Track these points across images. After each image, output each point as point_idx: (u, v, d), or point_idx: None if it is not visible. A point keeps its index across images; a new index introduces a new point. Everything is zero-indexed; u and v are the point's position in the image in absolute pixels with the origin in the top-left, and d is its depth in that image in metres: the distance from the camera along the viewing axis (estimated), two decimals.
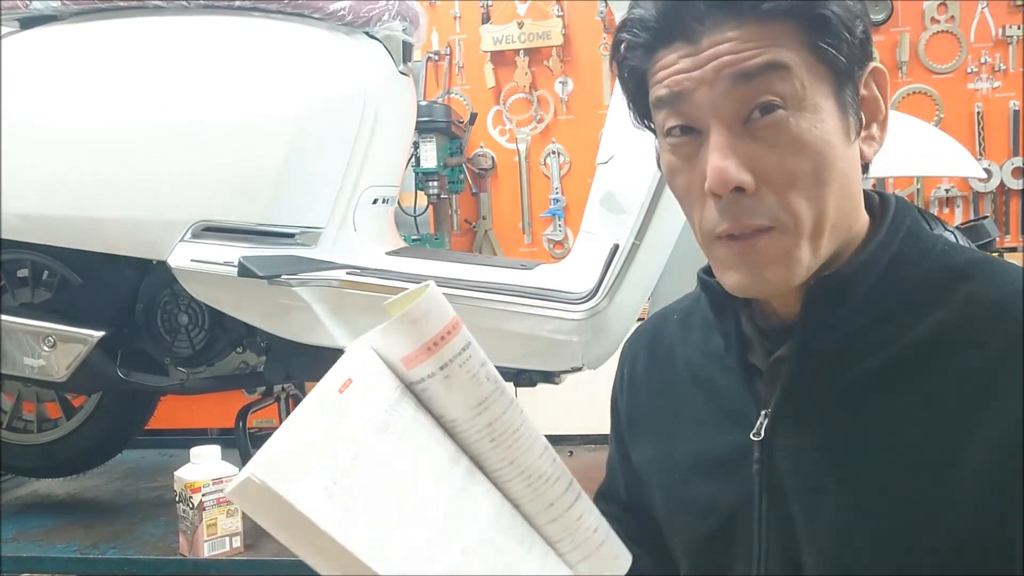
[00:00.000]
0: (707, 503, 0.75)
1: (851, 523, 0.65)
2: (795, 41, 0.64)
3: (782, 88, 0.64)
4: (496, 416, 0.66)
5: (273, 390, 1.88)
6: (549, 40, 3.11)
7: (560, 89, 3.16)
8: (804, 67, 0.64)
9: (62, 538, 1.59)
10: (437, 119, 2.91)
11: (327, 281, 1.55)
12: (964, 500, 0.61)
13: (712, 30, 0.65)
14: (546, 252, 3.19)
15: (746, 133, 0.65)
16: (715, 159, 0.65)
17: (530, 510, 0.69)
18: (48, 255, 1.68)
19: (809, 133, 0.64)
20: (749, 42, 0.64)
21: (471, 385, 0.65)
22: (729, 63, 0.64)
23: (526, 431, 0.68)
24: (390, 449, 0.62)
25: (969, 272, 0.67)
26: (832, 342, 0.69)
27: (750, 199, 0.65)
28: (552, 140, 3.19)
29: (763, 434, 0.71)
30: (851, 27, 0.65)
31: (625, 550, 0.75)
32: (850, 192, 0.69)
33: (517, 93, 3.20)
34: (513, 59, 3.16)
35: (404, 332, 0.65)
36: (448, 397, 0.65)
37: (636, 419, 0.87)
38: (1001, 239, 2.84)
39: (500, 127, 3.22)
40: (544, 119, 3.19)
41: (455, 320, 0.65)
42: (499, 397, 0.66)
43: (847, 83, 0.67)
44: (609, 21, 3.08)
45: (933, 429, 0.63)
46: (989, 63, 2.90)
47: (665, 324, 0.88)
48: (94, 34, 1.58)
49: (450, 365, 0.64)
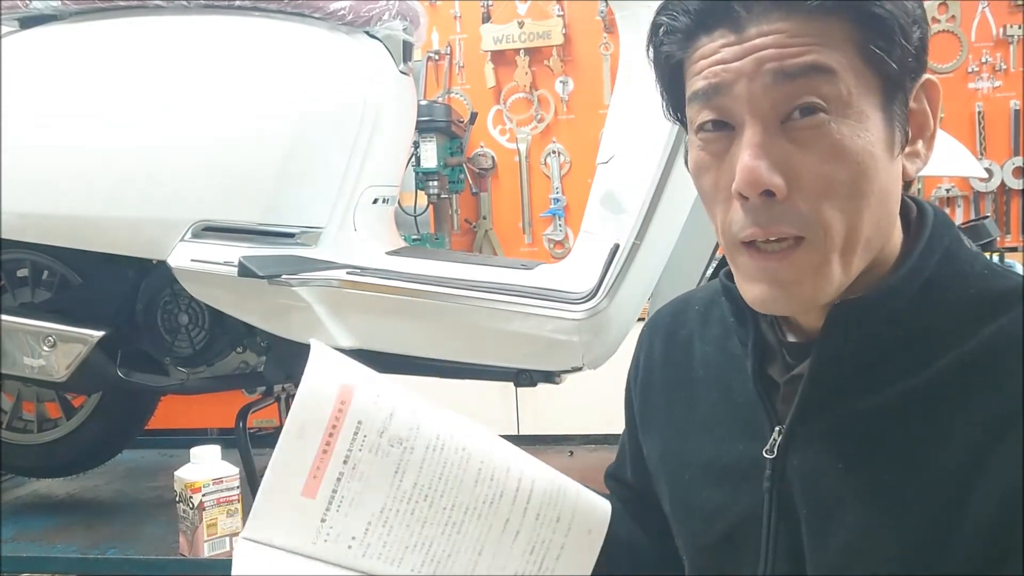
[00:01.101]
0: (715, 509, 0.73)
1: (856, 551, 0.64)
2: (845, 42, 0.60)
3: (827, 90, 0.60)
4: (415, 475, 0.66)
5: (273, 390, 1.87)
6: (549, 40, 3.12)
7: (560, 89, 3.16)
8: (852, 72, 0.60)
9: (62, 538, 1.59)
10: (437, 119, 2.91)
11: (327, 281, 1.55)
12: (968, 543, 0.59)
13: (758, 19, 0.61)
14: (546, 252, 3.19)
15: (782, 133, 0.61)
16: (746, 158, 0.61)
17: (491, 541, 0.69)
18: (48, 255, 1.68)
19: (851, 141, 0.60)
20: (796, 37, 0.60)
21: (380, 464, 0.64)
22: (772, 57, 0.60)
23: (450, 468, 0.67)
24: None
25: (1006, 303, 0.62)
26: (851, 367, 0.65)
27: (780, 205, 0.61)
28: (552, 140, 3.19)
29: (776, 452, 0.69)
30: (907, 32, 0.61)
31: (602, 501, 0.75)
32: (888, 209, 0.64)
33: (517, 93, 3.20)
34: (513, 59, 3.16)
35: (292, 454, 0.63)
36: (363, 492, 0.64)
37: (648, 410, 0.85)
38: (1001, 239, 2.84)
39: (500, 127, 3.22)
40: (544, 119, 3.19)
41: (341, 397, 0.63)
42: (410, 456, 0.66)
43: (897, 93, 0.62)
44: (609, 21, 3.08)
45: (946, 467, 0.60)
46: (990, 63, 2.90)
47: (685, 314, 0.84)
48: (94, 34, 1.58)
49: (351, 456, 0.64)
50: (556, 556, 0.72)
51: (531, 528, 0.71)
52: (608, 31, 3.10)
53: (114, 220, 1.55)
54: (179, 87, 1.54)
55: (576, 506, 0.74)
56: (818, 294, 0.63)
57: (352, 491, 0.65)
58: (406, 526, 0.67)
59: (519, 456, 0.73)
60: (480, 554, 0.69)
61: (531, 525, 0.71)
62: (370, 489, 0.65)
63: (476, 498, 0.68)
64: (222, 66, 1.55)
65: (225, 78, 1.54)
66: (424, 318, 1.55)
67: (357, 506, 0.65)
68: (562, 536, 0.72)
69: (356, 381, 0.65)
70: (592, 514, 0.75)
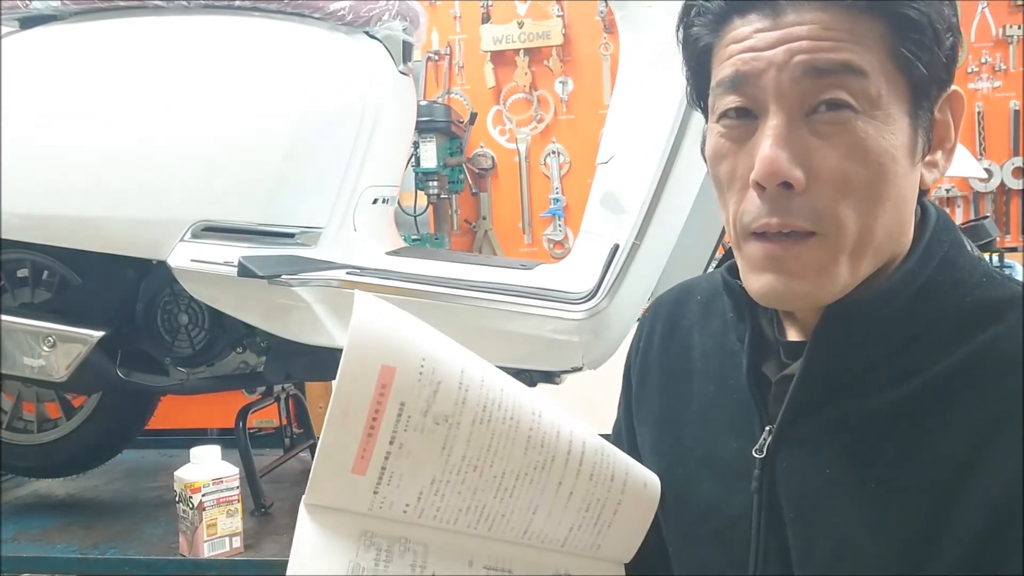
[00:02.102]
0: (709, 506, 0.73)
1: (840, 557, 0.63)
2: (878, 42, 0.59)
3: (857, 89, 0.59)
4: (463, 448, 0.66)
5: (273, 390, 1.88)
6: (549, 40, 3.11)
7: (560, 89, 3.16)
8: (883, 74, 0.60)
9: (62, 538, 1.59)
10: (437, 119, 2.91)
11: (327, 281, 1.55)
12: (950, 555, 0.58)
13: (797, 7, 0.60)
14: (546, 252, 3.19)
15: (806, 126, 0.60)
16: (767, 147, 0.60)
17: (546, 501, 0.70)
18: (48, 255, 1.68)
19: (875, 141, 0.59)
20: (830, 30, 0.59)
21: (426, 442, 0.65)
22: (805, 49, 0.59)
23: (498, 439, 0.67)
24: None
25: (1002, 313, 0.61)
26: (842, 370, 0.65)
27: (797, 198, 0.60)
28: (552, 140, 3.19)
29: (765, 452, 0.68)
30: (940, 38, 0.60)
31: (652, 476, 0.75)
32: (902, 215, 0.64)
33: (517, 93, 3.20)
34: (513, 59, 3.16)
35: (339, 434, 0.65)
36: (412, 468, 0.66)
37: (643, 399, 0.84)
38: (1001, 239, 2.84)
39: (500, 127, 3.22)
40: (544, 119, 3.19)
41: (381, 381, 0.64)
42: (456, 431, 0.66)
43: (923, 100, 0.62)
44: (609, 21, 3.08)
45: (929, 477, 0.60)
46: (989, 63, 2.90)
47: (687, 304, 0.83)
48: (94, 34, 1.58)
49: (396, 437, 0.64)
50: (613, 511, 0.73)
51: (585, 487, 0.71)
52: (608, 31, 3.10)
53: (114, 220, 1.55)
54: (179, 87, 1.54)
55: (628, 465, 0.74)
56: (821, 292, 0.62)
57: (401, 467, 0.66)
58: (458, 493, 0.68)
59: (568, 418, 0.73)
60: (535, 513, 0.71)
61: (585, 485, 0.71)
62: (419, 464, 0.66)
63: (527, 464, 0.69)
64: (222, 66, 1.55)
65: (225, 78, 1.54)
66: (424, 318, 1.54)
67: (407, 479, 0.66)
68: (618, 493, 0.73)
69: (397, 360, 0.65)
70: (645, 473, 0.76)
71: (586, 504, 0.72)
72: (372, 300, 0.68)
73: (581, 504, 0.71)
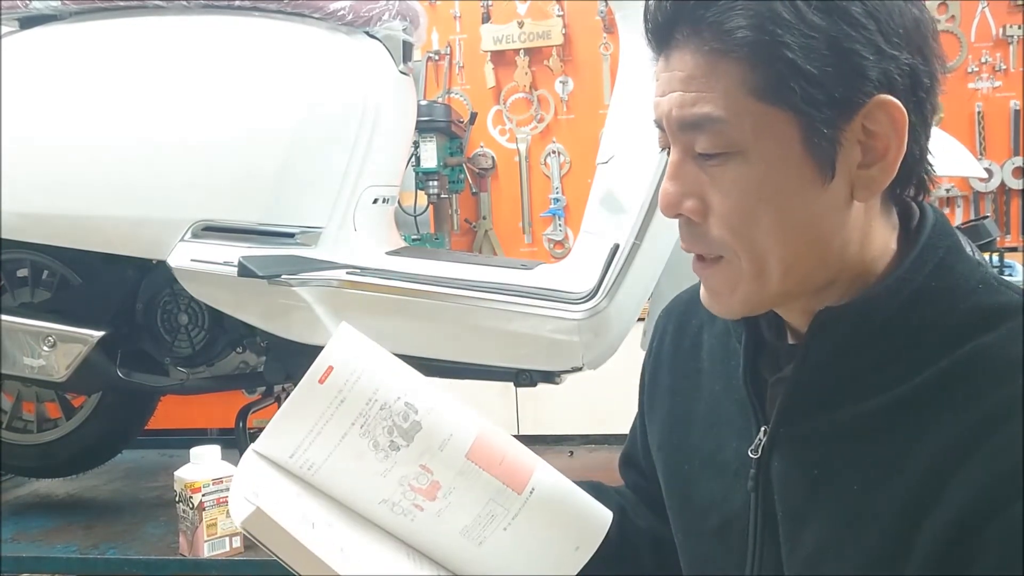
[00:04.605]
0: (710, 504, 0.75)
1: (821, 560, 0.64)
2: (736, 83, 0.60)
3: (721, 136, 0.61)
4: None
5: (273, 390, 1.87)
6: (549, 40, 3.12)
7: (560, 89, 3.17)
8: (749, 115, 0.60)
9: (62, 538, 1.59)
10: (437, 119, 2.91)
11: (327, 281, 1.55)
12: (924, 562, 0.58)
13: (676, 51, 0.63)
14: (546, 252, 3.19)
15: (696, 162, 0.64)
16: (664, 181, 0.66)
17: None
18: (48, 255, 1.68)
19: (753, 180, 0.61)
20: (693, 80, 0.62)
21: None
22: (675, 103, 0.63)
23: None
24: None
25: (996, 320, 0.61)
26: (833, 374, 0.65)
27: (699, 227, 0.66)
28: (552, 140, 3.19)
29: (760, 452, 0.70)
30: (816, 63, 0.58)
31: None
32: (817, 235, 0.63)
33: (517, 93, 3.20)
34: (513, 59, 3.16)
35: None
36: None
37: (654, 396, 0.86)
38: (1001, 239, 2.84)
39: (500, 127, 3.22)
40: (544, 119, 3.19)
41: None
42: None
43: (816, 124, 0.60)
44: (609, 21, 3.08)
45: (909, 483, 0.60)
46: (990, 63, 2.91)
47: (699, 304, 0.83)
48: (94, 34, 1.57)
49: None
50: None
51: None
52: (608, 31, 3.10)
53: (114, 220, 1.55)
54: (179, 87, 1.53)
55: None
56: (741, 307, 0.67)
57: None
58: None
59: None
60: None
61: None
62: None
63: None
64: (222, 66, 1.55)
65: (225, 78, 1.54)
66: (424, 318, 1.55)
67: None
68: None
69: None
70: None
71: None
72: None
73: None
